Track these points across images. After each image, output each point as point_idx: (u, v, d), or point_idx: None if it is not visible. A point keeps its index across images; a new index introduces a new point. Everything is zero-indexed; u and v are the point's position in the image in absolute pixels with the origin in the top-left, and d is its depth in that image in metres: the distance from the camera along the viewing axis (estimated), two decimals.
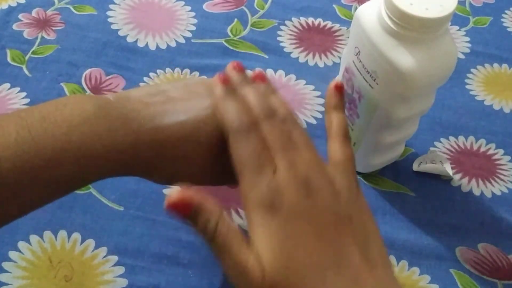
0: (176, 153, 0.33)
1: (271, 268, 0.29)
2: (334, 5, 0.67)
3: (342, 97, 0.37)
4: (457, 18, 0.67)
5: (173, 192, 0.30)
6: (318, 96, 0.58)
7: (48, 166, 0.29)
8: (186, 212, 0.30)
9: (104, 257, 0.45)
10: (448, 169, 0.52)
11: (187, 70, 0.58)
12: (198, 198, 0.30)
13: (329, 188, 0.31)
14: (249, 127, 0.32)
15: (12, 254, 0.44)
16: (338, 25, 0.65)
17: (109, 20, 0.62)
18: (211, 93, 0.35)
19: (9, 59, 0.58)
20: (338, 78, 0.50)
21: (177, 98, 0.35)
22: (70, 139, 0.30)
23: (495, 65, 0.63)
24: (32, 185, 0.30)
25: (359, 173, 0.52)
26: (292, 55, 0.61)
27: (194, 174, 0.35)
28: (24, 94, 0.55)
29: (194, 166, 0.34)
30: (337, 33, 0.64)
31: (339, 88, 0.37)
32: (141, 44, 0.60)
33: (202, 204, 0.30)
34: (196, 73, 0.58)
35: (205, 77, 0.38)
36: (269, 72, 0.59)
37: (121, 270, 0.44)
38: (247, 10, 0.65)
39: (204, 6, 0.65)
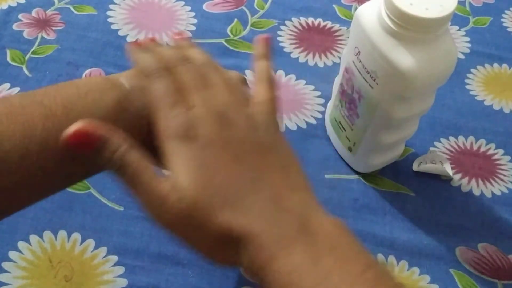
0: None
1: (189, 191, 0.28)
2: (334, 5, 0.67)
3: (269, 48, 0.37)
4: (457, 18, 0.67)
5: (71, 126, 0.28)
6: (318, 96, 0.58)
7: (70, 161, 0.30)
8: (89, 145, 0.28)
9: (104, 257, 0.45)
10: (448, 169, 0.52)
11: None
12: (105, 129, 0.29)
13: (247, 122, 0.32)
14: (163, 70, 0.32)
15: (12, 254, 0.44)
16: (338, 25, 0.65)
17: (109, 20, 0.62)
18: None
19: (9, 59, 0.58)
20: (338, 78, 0.50)
21: None
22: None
23: (495, 65, 0.63)
24: (53, 176, 0.30)
25: (358, 173, 0.52)
26: (292, 55, 0.61)
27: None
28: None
29: None
30: (337, 33, 0.64)
31: (267, 39, 0.37)
32: None
33: (109, 134, 0.29)
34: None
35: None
36: None
37: (121, 270, 0.44)
38: (247, 10, 0.65)
39: (204, 6, 0.65)
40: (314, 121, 0.56)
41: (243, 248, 0.28)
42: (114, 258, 0.45)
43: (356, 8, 0.65)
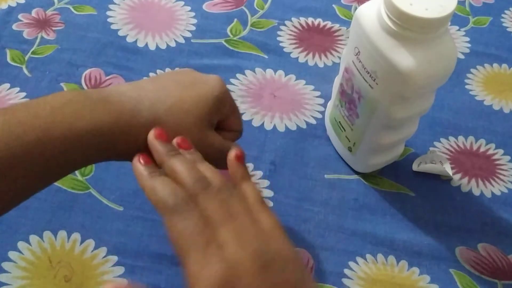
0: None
1: None
2: (334, 5, 0.67)
3: (245, 166, 0.35)
4: (456, 18, 0.67)
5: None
6: (318, 96, 0.58)
7: (37, 145, 0.30)
8: None
9: (104, 257, 0.45)
10: (448, 169, 0.52)
11: None
12: None
13: (280, 258, 0.30)
14: (186, 203, 0.30)
15: (12, 254, 0.44)
16: (338, 25, 0.65)
17: (109, 20, 0.62)
18: (181, 84, 0.37)
19: (9, 59, 0.58)
20: (338, 78, 0.50)
21: (149, 89, 0.36)
22: (54, 119, 0.31)
23: (495, 65, 0.63)
24: (20, 165, 0.30)
25: (358, 173, 0.52)
26: (292, 55, 0.61)
27: None
28: (24, 94, 0.55)
29: None
30: (336, 33, 0.64)
31: (240, 158, 0.35)
32: (140, 44, 0.60)
33: None
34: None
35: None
36: (269, 72, 0.59)
37: (121, 270, 0.44)
38: (246, 10, 0.65)
39: (204, 6, 0.65)
40: (314, 121, 0.56)
41: None
42: (114, 258, 0.45)
43: (356, 8, 0.65)
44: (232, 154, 0.35)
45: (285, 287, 0.29)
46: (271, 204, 0.49)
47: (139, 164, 0.33)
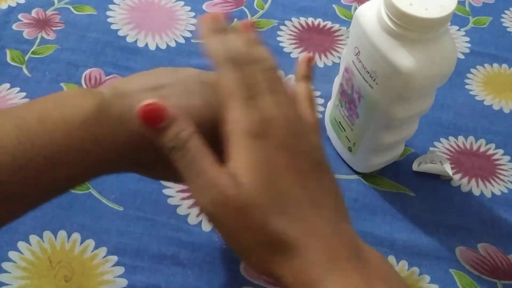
0: None
1: (250, 188, 0.28)
2: (333, 5, 0.67)
3: (311, 69, 0.37)
4: (456, 18, 0.67)
5: (146, 100, 0.29)
6: (318, 96, 0.58)
7: (49, 170, 0.29)
8: (159, 119, 0.29)
9: (104, 257, 0.45)
10: (447, 169, 0.52)
11: None
12: (175, 110, 0.29)
13: (309, 139, 0.32)
14: (244, 63, 0.31)
15: (12, 254, 0.44)
16: (338, 25, 0.65)
17: (109, 20, 0.62)
18: (205, 91, 0.35)
19: (8, 59, 0.58)
20: (338, 78, 0.50)
21: (172, 97, 0.34)
22: (69, 142, 0.29)
23: (495, 65, 0.63)
24: (31, 187, 0.30)
25: (358, 173, 0.52)
26: (292, 55, 0.61)
27: None
28: (23, 94, 0.55)
29: None
30: (336, 33, 0.64)
31: (310, 60, 0.37)
32: (140, 44, 0.60)
33: (178, 114, 0.29)
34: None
35: (199, 70, 0.37)
36: None
37: (121, 270, 0.44)
38: (246, 10, 0.65)
39: (204, 6, 0.65)
40: None
41: (289, 259, 0.28)
42: (114, 258, 0.45)
43: (356, 8, 0.65)
44: (304, 55, 0.37)
45: (308, 158, 0.30)
46: None
47: (204, 19, 0.33)
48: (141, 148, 0.32)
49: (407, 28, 0.38)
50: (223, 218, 0.28)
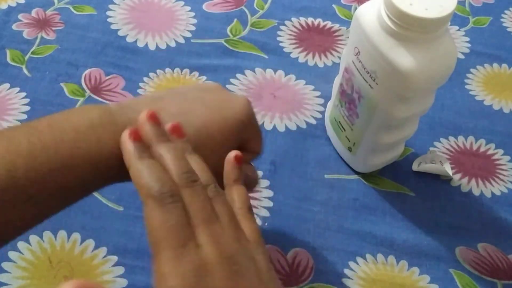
0: None
1: None
2: (334, 5, 0.67)
3: (241, 169, 0.35)
4: (456, 18, 0.67)
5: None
6: (318, 96, 0.58)
7: (60, 171, 0.30)
8: None
9: (104, 257, 0.45)
10: (447, 169, 0.52)
11: (186, 70, 0.58)
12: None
13: (253, 268, 0.30)
14: (171, 195, 0.29)
15: (12, 254, 0.44)
16: (338, 25, 0.65)
17: (109, 20, 0.62)
18: (207, 105, 0.35)
19: (8, 59, 0.58)
20: (338, 78, 0.50)
21: (171, 105, 0.35)
22: (78, 145, 0.31)
23: (495, 65, 0.63)
24: (45, 189, 0.30)
25: (358, 173, 0.52)
26: (292, 55, 0.61)
27: None
28: (23, 94, 0.55)
29: None
30: (336, 33, 0.64)
31: (239, 160, 0.35)
32: (140, 44, 0.60)
33: None
34: (196, 73, 0.58)
35: (203, 81, 0.38)
36: (269, 72, 0.59)
37: (120, 270, 0.44)
38: (246, 10, 0.65)
39: (204, 6, 0.65)
40: (314, 121, 0.56)
41: None
42: (114, 258, 0.45)
43: (356, 8, 0.65)
44: (232, 154, 0.34)
45: None
46: (270, 204, 0.49)
47: (128, 140, 0.31)
48: None
49: (407, 28, 0.38)
50: None
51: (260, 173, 0.51)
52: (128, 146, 0.31)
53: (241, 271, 0.29)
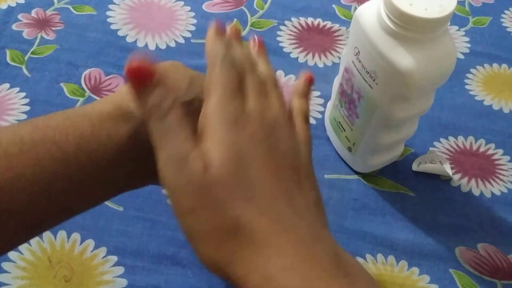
0: None
1: (219, 167, 0.26)
2: (333, 5, 0.67)
3: (310, 89, 0.36)
4: (456, 18, 0.67)
5: (136, 57, 0.27)
6: (317, 96, 0.58)
7: (78, 198, 0.30)
8: (147, 79, 0.27)
9: (104, 257, 0.45)
10: (447, 169, 0.52)
11: None
12: (163, 76, 0.28)
13: (291, 143, 0.30)
14: (232, 63, 0.31)
15: (12, 254, 0.44)
16: (338, 25, 0.65)
17: (109, 20, 0.62)
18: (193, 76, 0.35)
19: (8, 59, 0.58)
20: (338, 78, 0.50)
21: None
22: (100, 175, 0.30)
23: (495, 65, 0.63)
24: (60, 212, 0.31)
25: (358, 173, 0.52)
26: (292, 55, 0.61)
27: None
28: (23, 94, 0.55)
29: None
30: (336, 33, 0.64)
31: (311, 81, 0.36)
32: (140, 44, 0.60)
33: (165, 81, 0.28)
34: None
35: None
36: None
37: (120, 270, 0.44)
38: (246, 10, 0.65)
39: (204, 6, 0.65)
40: (313, 121, 0.56)
41: (251, 254, 0.25)
42: (114, 258, 0.45)
43: (355, 8, 0.65)
44: (308, 74, 0.36)
45: (287, 159, 0.29)
46: None
47: (212, 29, 0.33)
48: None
49: (407, 28, 0.38)
50: (184, 192, 0.26)
51: None
52: (210, 31, 0.33)
53: (278, 136, 0.29)
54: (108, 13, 0.63)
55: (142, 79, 0.27)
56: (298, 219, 0.27)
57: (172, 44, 0.61)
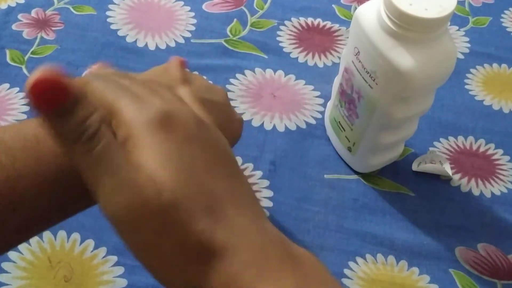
0: None
1: (170, 185, 0.23)
2: (333, 5, 0.67)
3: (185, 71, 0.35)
4: (456, 18, 0.67)
5: (39, 71, 0.21)
6: (317, 96, 0.58)
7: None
8: (61, 97, 0.21)
9: (104, 257, 0.45)
10: (447, 169, 0.52)
11: (186, 71, 0.58)
12: (81, 83, 0.24)
13: (216, 131, 0.28)
14: (114, 75, 0.28)
15: (12, 254, 0.44)
16: (338, 25, 0.65)
17: (109, 20, 0.62)
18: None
19: (8, 59, 0.57)
20: (338, 78, 0.50)
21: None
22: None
23: (495, 65, 0.63)
24: (65, 211, 0.31)
25: (358, 173, 0.52)
26: (292, 55, 0.61)
27: None
28: (23, 94, 0.55)
29: None
30: (336, 33, 0.64)
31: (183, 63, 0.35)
32: (140, 44, 0.60)
33: (87, 91, 0.23)
34: (195, 73, 0.58)
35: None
36: (269, 72, 0.59)
37: (120, 270, 0.44)
38: (246, 10, 0.65)
39: (204, 6, 0.65)
40: (313, 121, 0.56)
41: (217, 266, 0.23)
42: (114, 258, 0.45)
43: (355, 8, 0.65)
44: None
45: (219, 152, 0.27)
46: (270, 204, 0.49)
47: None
48: None
49: (407, 28, 0.38)
50: (139, 224, 0.23)
51: (259, 173, 0.51)
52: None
53: (206, 125, 0.27)
54: (108, 13, 0.63)
55: (53, 97, 0.21)
56: (247, 221, 0.25)
57: (172, 44, 0.61)
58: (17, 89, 0.55)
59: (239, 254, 0.23)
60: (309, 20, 0.65)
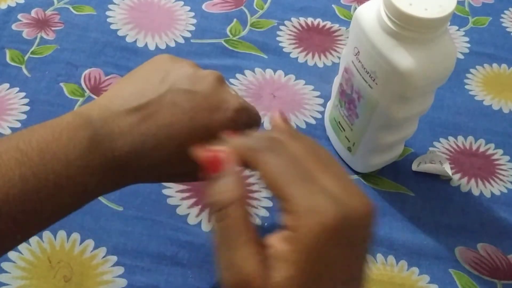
0: (159, 166, 0.35)
1: (283, 284, 0.24)
2: (333, 5, 0.67)
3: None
4: (456, 18, 0.67)
5: (213, 148, 0.27)
6: (317, 96, 0.58)
7: (49, 200, 0.30)
8: (215, 169, 0.27)
9: (104, 257, 0.45)
10: (447, 169, 0.52)
11: None
12: (232, 163, 0.27)
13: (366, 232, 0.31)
14: (276, 142, 0.28)
15: (11, 254, 0.44)
16: (338, 25, 0.65)
17: (108, 20, 0.62)
18: (191, 99, 0.34)
19: (8, 59, 0.57)
20: (338, 78, 0.50)
21: (158, 114, 0.34)
22: (68, 174, 0.31)
23: (494, 65, 0.63)
24: (34, 216, 0.31)
25: (358, 173, 0.52)
26: (292, 55, 0.61)
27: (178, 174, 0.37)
28: (23, 94, 0.55)
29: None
30: (336, 33, 0.64)
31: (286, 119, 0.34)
32: (140, 44, 0.60)
33: (233, 172, 0.27)
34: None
35: (193, 67, 0.36)
36: (269, 72, 0.59)
37: (120, 270, 0.44)
38: (246, 10, 0.65)
39: (203, 6, 0.65)
40: (313, 121, 0.56)
41: None
42: (114, 258, 0.45)
43: (355, 8, 0.65)
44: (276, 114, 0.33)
45: (357, 259, 0.29)
46: (270, 204, 0.49)
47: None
48: (128, 176, 0.35)
49: (406, 28, 0.38)
50: None
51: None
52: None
53: (362, 234, 0.30)
54: (108, 13, 0.63)
55: (211, 168, 0.27)
56: None
57: (172, 44, 0.61)
58: (17, 89, 0.55)
59: None
60: (309, 20, 0.65)
